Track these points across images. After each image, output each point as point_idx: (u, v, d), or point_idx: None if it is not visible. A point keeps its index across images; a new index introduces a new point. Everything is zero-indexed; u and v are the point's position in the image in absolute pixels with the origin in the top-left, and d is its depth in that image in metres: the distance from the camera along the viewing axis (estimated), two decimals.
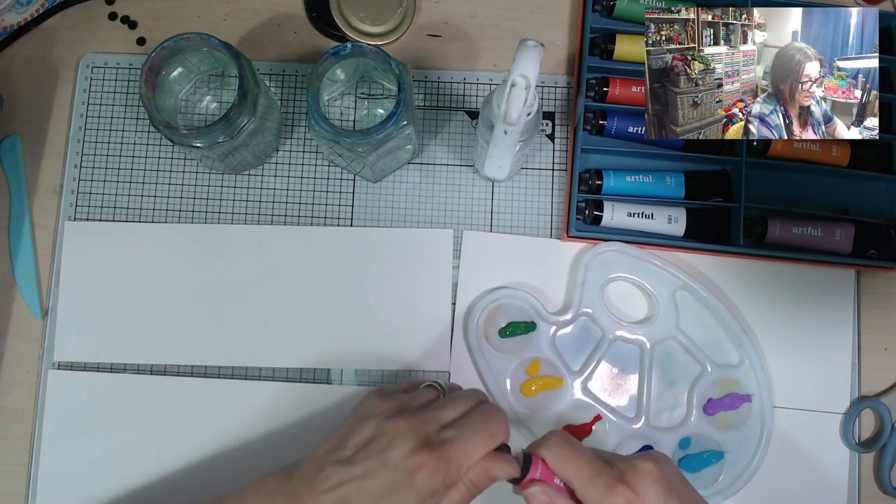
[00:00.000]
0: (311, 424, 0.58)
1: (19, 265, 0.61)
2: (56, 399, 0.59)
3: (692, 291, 0.59)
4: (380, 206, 0.61)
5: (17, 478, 0.58)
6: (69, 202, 0.62)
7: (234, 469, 0.58)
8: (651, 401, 0.58)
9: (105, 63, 0.64)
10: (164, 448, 0.58)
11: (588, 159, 0.61)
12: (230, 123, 0.53)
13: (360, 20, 0.62)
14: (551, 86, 0.63)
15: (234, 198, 0.62)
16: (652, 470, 0.43)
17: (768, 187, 0.60)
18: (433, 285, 0.60)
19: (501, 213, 0.61)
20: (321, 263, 0.60)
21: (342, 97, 0.62)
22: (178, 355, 0.59)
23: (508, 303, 0.59)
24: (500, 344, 0.58)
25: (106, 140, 0.63)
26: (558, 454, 0.44)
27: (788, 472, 0.58)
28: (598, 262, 0.59)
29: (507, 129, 0.47)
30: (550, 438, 0.45)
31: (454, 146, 0.62)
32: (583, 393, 0.58)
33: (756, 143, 0.59)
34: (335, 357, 0.59)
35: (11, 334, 0.60)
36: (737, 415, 0.58)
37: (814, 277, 0.60)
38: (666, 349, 0.59)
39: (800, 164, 0.60)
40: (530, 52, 0.44)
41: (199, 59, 0.59)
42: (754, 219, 0.59)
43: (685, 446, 0.57)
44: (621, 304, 0.60)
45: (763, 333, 0.59)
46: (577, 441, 0.46)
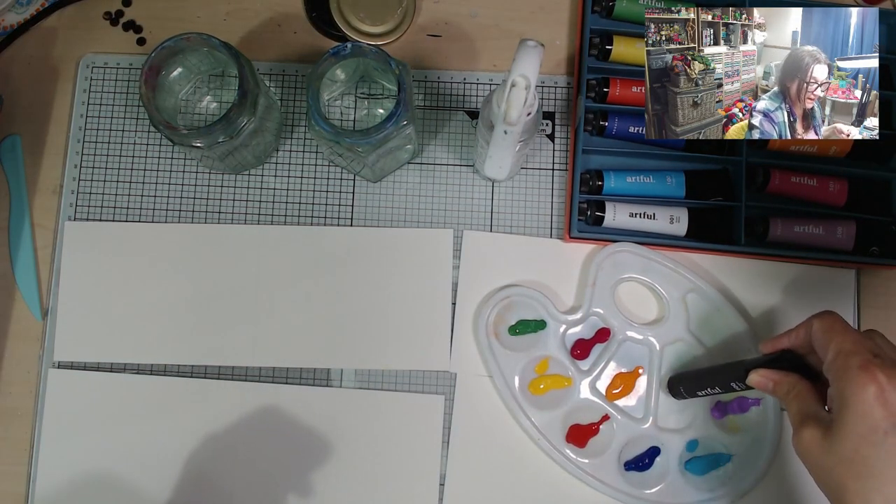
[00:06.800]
0: (310, 425, 0.58)
1: (19, 265, 0.61)
2: (56, 399, 0.59)
3: (703, 294, 0.59)
4: (380, 206, 0.61)
5: (17, 478, 0.58)
6: (69, 202, 0.62)
7: (234, 469, 0.58)
8: (659, 402, 0.58)
9: (105, 63, 0.64)
10: (164, 448, 0.58)
11: (588, 160, 0.61)
12: (230, 123, 0.53)
13: (360, 20, 0.62)
14: (551, 86, 0.63)
15: (234, 198, 0.62)
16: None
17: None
18: (433, 285, 0.60)
19: (501, 213, 0.61)
20: (321, 263, 0.60)
21: (342, 97, 0.62)
22: (178, 355, 0.59)
23: (519, 300, 0.59)
24: (509, 341, 0.58)
25: (106, 140, 0.63)
26: (828, 321, 0.44)
27: (796, 476, 0.57)
28: (610, 262, 0.59)
29: (507, 129, 0.47)
30: (825, 311, 0.45)
31: (454, 146, 0.62)
32: (591, 392, 0.58)
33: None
34: (335, 357, 0.59)
35: (11, 334, 0.60)
36: (745, 418, 0.58)
37: (814, 277, 0.60)
38: (675, 351, 0.58)
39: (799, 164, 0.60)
40: (530, 52, 0.44)
41: (199, 59, 0.59)
42: (756, 218, 0.59)
43: (692, 448, 0.57)
44: (631, 305, 0.60)
45: (765, 333, 0.59)
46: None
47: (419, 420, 0.58)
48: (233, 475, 0.58)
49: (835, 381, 0.41)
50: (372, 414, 0.58)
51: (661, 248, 0.59)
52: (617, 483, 0.56)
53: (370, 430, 0.58)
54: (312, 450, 0.58)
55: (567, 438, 0.57)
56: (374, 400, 0.59)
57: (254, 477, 0.58)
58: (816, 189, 0.59)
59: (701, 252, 0.60)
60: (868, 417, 0.39)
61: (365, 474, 0.58)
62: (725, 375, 0.51)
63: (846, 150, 0.59)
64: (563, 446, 0.57)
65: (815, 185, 0.59)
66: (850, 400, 0.40)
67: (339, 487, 0.57)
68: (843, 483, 0.40)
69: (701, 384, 0.53)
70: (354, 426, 0.58)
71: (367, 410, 0.58)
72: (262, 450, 0.58)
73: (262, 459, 0.58)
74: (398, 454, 0.58)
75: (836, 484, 0.40)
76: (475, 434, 0.58)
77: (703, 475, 0.57)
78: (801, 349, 0.47)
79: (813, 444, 0.42)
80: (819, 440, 0.41)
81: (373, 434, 0.58)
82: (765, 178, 0.59)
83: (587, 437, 0.57)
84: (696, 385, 0.54)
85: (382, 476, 0.58)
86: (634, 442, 0.57)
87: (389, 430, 0.58)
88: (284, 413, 0.58)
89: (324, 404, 0.59)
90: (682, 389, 0.55)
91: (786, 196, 0.59)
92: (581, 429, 0.57)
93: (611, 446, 0.57)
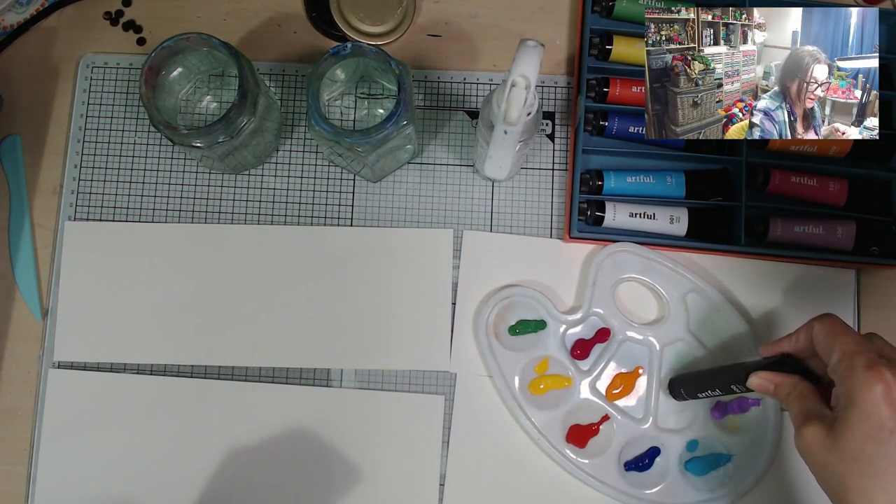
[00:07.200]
0: (310, 425, 0.58)
1: (19, 265, 0.61)
2: (56, 399, 0.58)
3: (703, 294, 0.59)
4: (380, 206, 0.61)
5: (17, 478, 0.58)
6: (69, 202, 0.62)
7: (234, 469, 0.58)
8: (659, 402, 0.58)
9: (105, 63, 0.64)
10: (164, 448, 0.58)
11: (588, 160, 0.61)
12: (230, 123, 0.53)
13: (360, 20, 0.62)
14: (551, 86, 0.63)
15: (234, 198, 0.62)
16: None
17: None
18: (433, 285, 0.60)
19: (501, 213, 0.61)
20: (321, 263, 0.60)
21: (342, 97, 0.62)
22: (178, 355, 0.59)
23: (519, 300, 0.59)
24: (509, 341, 0.58)
25: (106, 140, 0.62)
26: (828, 324, 0.44)
27: (796, 476, 0.57)
28: (610, 262, 0.59)
29: (507, 129, 0.47)
30: (824, 314, 0.45)
31: (454, 146, 0.62)
32: (591, 393, 0.58)
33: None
34: (335, 357, 0.59)
35: (11, 334, 0.60)
36: (745, 418, 0.58)
37: (814, 277, 0.60)
38: (676, 351, 0.58)
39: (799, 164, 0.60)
40: (530, 52, 0.44)
41: (199, 59, 0.59)
42: (756, 218, 0.59)
43: (692, 448, 0.57)
44: (631, 305, 0.60)
45: (765, 333, 0.59)
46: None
47: (419, 420, 0.58)
48: (232, 475, 0.58)
49: (841, 382, 0.41)
50: (372, 414, 0.58)
51: (661, 248, 0.59)
52: (617, 483, 0.56)
53: (370, 430, 0.58)
54: (312, 450, 0.58)
55: (567, 438, 0.57)
56: (374, 400, 0.59)
57: (253, 477, 0.58)
58: (816, 189, 0.59)
59: (701, 252, 0.60)
60: (874, 416, 0.39)
61: (365, 474, 0.58)
62: (726, 378, 0.51)
63: (846, 150, 0.59)
64: (563, 446, 0.57)
65: (815, 185, 0.59)
66: (857, 399, 0.40)
67: (339, 487, 0.57)
68: (846, 481, 0.40)
69: (701, 386, 0.53)
70: (354, 426, 0.58)
71: (367, 410, 0.58)
72: (262, 450, 0.58)
73: (261, 459, 0.58)
74: (398, 454, 0.58)
75: (838, 482, 0.40)
76: (475, 434, 0.58)
77: (703, 475, 0.57)
78: (801, 353, 0.47)
79: (816, 442, 0.41)
80: (822, 438, 0.41)
81: (373, 434, 0.58)
82: (765, 178, 0.59)
83: (587, 438, 0.57)
84: (697, 387, 0.54)
85: (382, 476, 0.58)
86: (634, 442, 0.57)
87: (389, 430, 0.58)
88: (284, 413, 0.58)
89: (324, 404, 0.59)
90: (683, 391, 0.55)
91: (786, 196, 0.59)
92: (581, 429, 0.57)
93: (611, 446, 0.57)
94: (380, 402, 0.59)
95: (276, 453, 0.58)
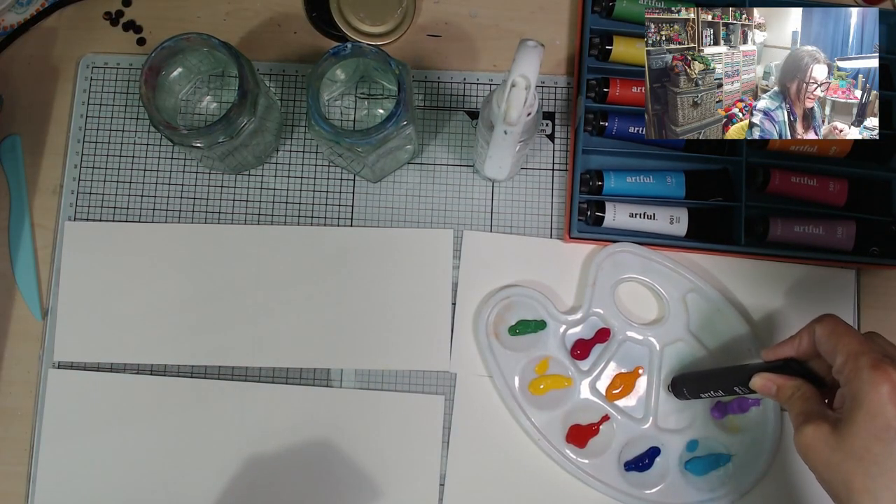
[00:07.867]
0: (310, 425, 0.58)
1: (19, 265, 0.61)
2: (56, 399, 0.59)
3: (703, 294, 0.59)
4: (380, 206, 0.61)
5: (17, 478, 0.58)
6: (69, 202, 0.62)
7: (234, 469, 0.58)
8: (659, 402, 0.58)
9: (105, 63, 0.64)
10: (164, 448, 0.58)
11: (588, 160, 0.61)
12: (230, 123, 0.53)
13: (360, 20, 0.62)
14: (551, 86, 0.63)
15: (234, 198, 0.62)
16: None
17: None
18: (433, 285, 0.60)
19: (501, 213, 0.61)
20: (321, 263, 0.60)
21: (342, 97, 0.62)
22: (178, 355, 0.59)
23: (519, 300, 0.59)
24: (509, 342, 0.58)
25: (106, 140, 0.63)
26: (830, 325, 0.44)
27: (796, 476, 0.57)
28: (610, 262, 0.59)
29: (507, 129, 0.47)
30: (824, 315, 0.45)
31: (454, 146, 0.62)
32: (591, 393, 0.58)
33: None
34: (335, 357, 0.59)
35: (11, 334, 0.60)
36: (745, 418, 0.58)
37: (814, 277, 0.60)
38: (676, 351, 0.58)
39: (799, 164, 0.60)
40: (530, 52, 0.44)
41: (199, 59, 0.59)
42: (756, 218, 0.59)
43: (692, 448, 0.57)
44: (631, 305, 0.60)
45: (765, 333, 0.59)
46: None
47: (419, 420, 0.58)
48: (232, 475, 0.58)
49: (847, 383, 0.41)
50: (372, 414, 0.58)
51: (661, 248, 0.59)
52: (617, 483, 0.56)
53: (370, 430, 0.58)
54: (312, 450, 0.58)
55: (567, 438, 0.57)
56: (374, 400, 0.59)
57: (253, 477, 0.58)
58: (816, 189, 0.59)
59: (701, 252, 0.60)
60: (881, 415, 0.39)
61: (365, 474, 0.58)
62: (729, 379, 0.51)
63: (846, 150, 0.59)
64: (563, 446, 0.57)
65: (815, 185, 0.59)
66: (864, 399, 0.40)
67: (339, 487, 0.57)
68: (851, 480, 0.40)
69: (704, 386, 0.53)
70: (354, 426, 0.58)
71: (367, 410, 0.58)
72: (262, 450, 0.58)
73: (261, 459, 0.58)
74: (398, 454, 0.58)
75: (842, 481, 0.40)
76: (475, 434, 0.58)
77: (703, 475, 0.57)
78: (804, 355, 0.47)
79: (818, 441, 0.41)
80: (825, 437, 0.41)
81: (373, 434, 0.58)
82: (765, 178, 0.59)
83: (587, 438, 0.57)
84: (699, 387, 0.54)
85: (382, 476, 0.58)
86: (634, 442, 0.57)
87: (389, 430, 0.58)
88: (284, 413, 0.58)
89: (324, 404, 0.59)
90: (686, 391, 0.55)
91: (786, 196, 0.59)
92: (581, 429, 0.57)
93: (611, 446, 0.57)
94: (380, 402, 0.59)
95: (276, 453, 0.58)
